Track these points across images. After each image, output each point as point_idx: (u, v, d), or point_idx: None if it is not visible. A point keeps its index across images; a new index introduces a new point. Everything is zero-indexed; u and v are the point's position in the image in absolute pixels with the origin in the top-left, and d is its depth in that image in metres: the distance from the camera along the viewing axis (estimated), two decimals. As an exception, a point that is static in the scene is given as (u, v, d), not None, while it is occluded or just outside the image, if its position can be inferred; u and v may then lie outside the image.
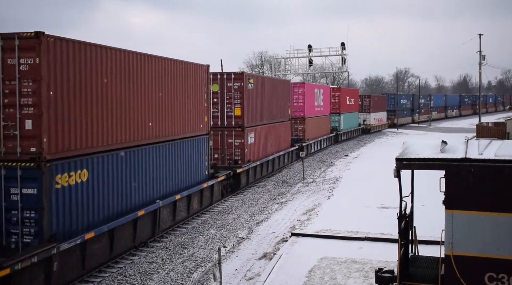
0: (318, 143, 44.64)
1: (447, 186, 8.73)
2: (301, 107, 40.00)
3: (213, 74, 25.22)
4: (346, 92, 56.03)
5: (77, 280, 13.30)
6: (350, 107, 56.85)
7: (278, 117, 32.68)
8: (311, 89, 42.83)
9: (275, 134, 31.89)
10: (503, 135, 39.21)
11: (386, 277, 9.78)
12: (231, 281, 13.59)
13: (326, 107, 47.95)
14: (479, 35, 62.50)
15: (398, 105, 75.73)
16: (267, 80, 32.46)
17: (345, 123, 54.23)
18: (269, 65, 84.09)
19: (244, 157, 26.30)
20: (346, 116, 54.21)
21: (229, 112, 26.23)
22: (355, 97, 59.56)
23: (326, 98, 47.41)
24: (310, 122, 41.29)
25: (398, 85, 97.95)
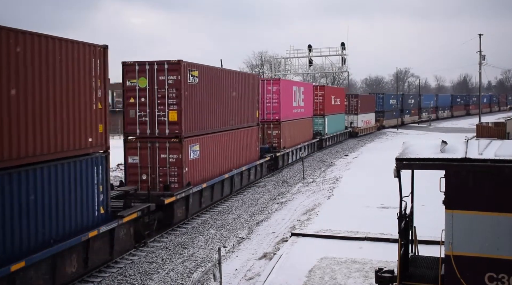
0: (298, 151, 37.56)
1: (447, 186, 8.73)
2: (276, 109, 33.02)
3: (140, 63, 19.05)
4: (331, 91, 50.47)
5: (77, 280, 13.31)
6: (336, 108, 51.31)
7: (241, 122, 25.81)
8: (288, 86, 36.08)
9: (235, 144, 25.02)
10: (503, 135, 39.22)
11: (386, 277, 9.78)
12: (231, 281, 13.59)
13: (308, 108, 41.54)
14: (479, 35, 62.52)
15: (386, 105, 71.74)
16: (222, 73, 23.70)
17: (330, 127, 48.55)
18: (269, 65, 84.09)
19: (182, 179, 19.03)
20: (331, 118, 48.64)
21: (162, 117, 19.06)
22: (341, 96, 54.01)
23: (307, 98, 41.19)
24: (287, 127, 34.59)
25: (398, 85, 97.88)
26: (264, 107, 32.12)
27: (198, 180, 20.41)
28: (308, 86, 43.35)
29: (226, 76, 23.98)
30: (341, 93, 55.18)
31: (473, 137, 40.05)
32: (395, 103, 76.13)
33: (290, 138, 35.37)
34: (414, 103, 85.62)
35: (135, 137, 19.25)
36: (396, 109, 76.74)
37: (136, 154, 19.24)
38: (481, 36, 62.48)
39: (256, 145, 28.63)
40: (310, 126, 42.91)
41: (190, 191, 19.25)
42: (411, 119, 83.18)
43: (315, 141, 43.76)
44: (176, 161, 19.05)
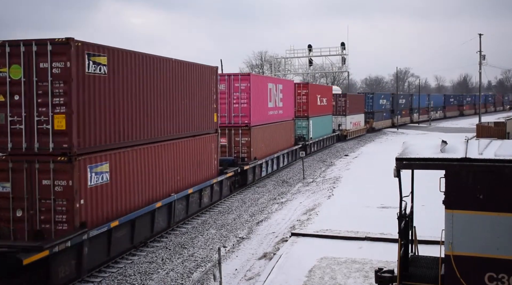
0: (275, 161, 31.90)
1: (447, 186, 8.72)
2: (245, 110, 26.97)
3: (11, 44, 12.55)
4: (316, 89, 44.47)
5: (76, 280, 13.30)
6: (323, 109, 45.74)
7: (187, 129, 19.30)
8: (262, 83, 29.77)
9: (176, 159, 18.39)
10: (503, 135, 39.17)
11: (386, 277, 9.77)
12: (231, 281, 13.58)
13: (288, 110, 35.56)
14: (479, 35, 62.52)
15: (376, 106, 66.67)
16: (154, 62, 16.66)
17: (316, 130, 42.87)
18: (269, 65, 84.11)
19: (73, 218, 12.42)
20: (316, 120, 43.00)
21: (44, 125, 12.50)
22: (328, 96, 48.33)
23: (287, 97, 35.20)
24: (259, 132, 28.53)
25: (398, 85, 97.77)
26: (230, 108, 26.88)
27: (104, 216, 13.86)
28: (288, 84, 37.12)
29: (161, 66, 17.03)
30: (328, 92, 49.61)
31: (473, 137, 40.01)
32: (385, 103, 71.34)
33: (264, 146, 29.30)
34: (405, 104, 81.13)
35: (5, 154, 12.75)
36: (386, 110, 72.26)
37: (7, 179, 12.66)
38: (481, 36, 62.51)
39: (213, 158, 21.96)
40: (291, 130, 36.67)
41: (82, 237, 12.65)
42: (402, 120, 78.20)
43: (297, 148, 37.42)
44: (64, 190, 12.50)
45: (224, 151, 26.28)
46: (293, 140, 37.19)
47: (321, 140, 44.94)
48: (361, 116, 61.56)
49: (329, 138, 48.82)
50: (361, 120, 61.50)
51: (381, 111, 69.60)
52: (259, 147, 28.51)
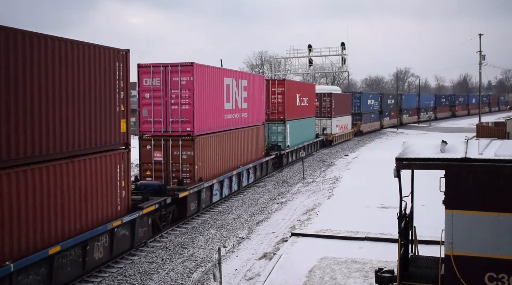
0: (235, 180, 24.94)
1: (447, 186, 8.73)
2: (187, 114, 20.17)
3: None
4: (295, 87, 37.40)
5: (76, 280, 13.30)
6: (304, 111, 39.02)
7: (62, 146, 12.47)
8: (213, 77, 22.32)
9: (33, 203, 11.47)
10: (503, 135, 39.19)
11: (386, 277, 9.78)
12: (231, 281, 13.58)
13: (257, 112, 28.53)
14: (479, 35, 62.52)
15: (364, 106, 60.96)
16: None
17: (295, 136, 36.04)
18: (269, 65, 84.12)
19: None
20: (296, 124, 36.35)
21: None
22: (310, 95, 41.47)
23: (255, 97, 28.21)
24: (209, 144, 21.75)
25: (398, 85, 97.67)
26: (167, 111, 20.18)
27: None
28: (257, 80, 29.39)
29: None
30: (310, 90, 42.19)
31: (473, 137, 40.02)
32: (373, 104, 65.40)
33: (216, 161, 22.54)
34: (394, 104, 74.93)
35: None
36: (374, 111, 66.21)
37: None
38: (481, 36, 62.49)
39: (117, 187, 14.89)
40: (261, 138, 29.43)
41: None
42: (390, 122, 72.37)
43: (269, 160, 30.74)
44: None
45: (159, 170, 20.07)
46: (263, 150, 30.02)
47: (301, 147, 37.41)
48: (348, 118, 55.71)
49: (312, 145, 42.36)
50: (348, 122, 55.61)
51: (369, 112, 63.80)
52: (209, 164, 21.58)
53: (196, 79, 20.14)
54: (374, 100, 66.05)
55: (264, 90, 30.59)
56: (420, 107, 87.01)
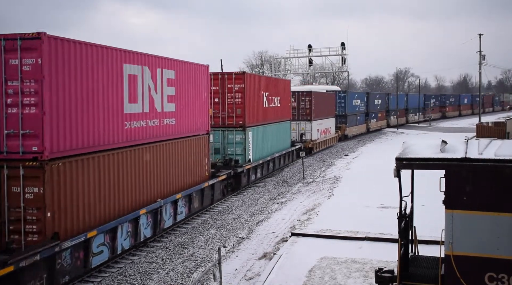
0: (144, 226, 16.13)
1: (447, 186, 8.73)
2: (32, 121, 11.66)
3: None
4: (260, 83, 29.19)
5: (76, 280, 13.30)
6: (274, 113, 31.31)
7: None
8: (99, 62, 13.87)
9: None
10: (503, 135, 39.20)
11: (386, 277, 9.78)
12: (231, 281, 13.59)
13: (192, 117, 20.17)
14: (479, 35, 62.53)
15: (349, 107, 54.67)
16: None
17: (260, 147, 28.26)
18: (269, 65, 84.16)
19: None
20: (262, 131, 28.69)
21: None
22: (283, 94, 33.73)
23: (189, 95, 19.85)
24: (79, 173, 12.95)
25: (398, 85, 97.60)
26: (1, 116, 11.95)
27: None
28: (193, 70, 20.33)
29: None
30: (283, 88, 34.33)
31: (473, 137, 40.03)
32: (359, 104, 59.21)
33: (100, 200, 13.98)
34: (381, 105, 68.75)
35: None
36: (361, 112, 60.01)
37: None
38: (481, 36, 62.50)
39: None
40: (201, 153, 20.95)
41: None
42: (377, 125, 66.86)
43: (217, 182, 22.42)
44: None
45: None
46: (206, 170, 21.44)
47: (270, 160, 30.27)
48: (331, 121, 48.48)
49: (286, 156, 34.50)
50: (331, 125, 48.37)
51: (355, 113, 57.56)
52: (81, 207, 13.07)
53: (49, 62, 11.87)
54: (360, 100, 59.85)
55: (208, 85, 21.65)
56: (409, 108, 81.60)
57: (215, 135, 25.51)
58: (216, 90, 26.07)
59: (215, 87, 25.87)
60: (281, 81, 37.27)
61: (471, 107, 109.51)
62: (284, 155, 34.17)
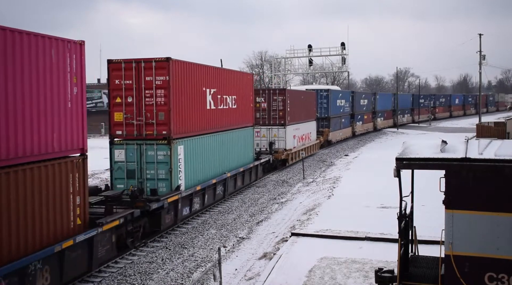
0: None
1: (447, 186, 8.73)
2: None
3: None
4: (201, 76, 21.02)
5: (76, 280, 13.30)
6: (225, 118, 23.69)
7: None
8: None
9: None
10: (503, 135, 39.21)
11: (386, 277, 9.78)
12: (231, 281, 13.58)
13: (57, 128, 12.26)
14: (479, 35, 62.50)
15: (333, 108, 48.14)
16: None
17: (199, 167, 20.67)
18: (269, 65, 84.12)
19: None
20: (201, 145, 20.98)
21: None
22: (242, 92, 26.23)
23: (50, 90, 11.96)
24: None
25: (398, 85, 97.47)
26: None
27: None
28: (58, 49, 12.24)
29: None
30: (244, 84, 26.69)
31: (473, 137, 40.03)
32: (344, 105, 52.72)
33: None
34: (368, 105, 62.45)
35: None
36: (345, 114, 53.58)
37: None
38: (481, 36, 62.47)
39: None
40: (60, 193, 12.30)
41: None
42: (363, 128, 60.83)
43: (100, 235, 13.80)
44: None
45: None
46: (72, 218, 12.76)
47: (218, 183, 22.47)
48: (311, 125, 41.50)
49: (246, 174, 26.69)
50: (311, 130, 41.36)
51: (339, 115, 50.86)
52: None
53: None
54: (345, 100, 53.12)
55: (82, 76, 13.40)
56: (397, 109, 75.39)
57: (128, 151, 18.19)
58: (129, 85, 18.17)
59: (128, 80, 18.18)
60: (237, 75, 26.56)
61: (463, 108, 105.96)
62: (243, 173, 26.04)
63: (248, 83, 27.83)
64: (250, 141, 27.88)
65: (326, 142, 46.80)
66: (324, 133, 46.06)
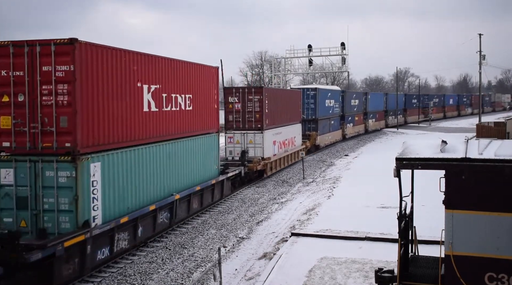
0: None
1: (447, 186, 8.72)
2: None
3: None
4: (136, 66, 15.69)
5: (76, 280, 13.30)
6: (174, 123, 18.48)
7: None
8: None
9: None
10: (503, 135, 39.21)
11: (386, 277, 9.77)
12: (231, 281, 13.58)
13: None
14: (479, 35, 62.49)
15: (321, 109, 43.70)
16: None
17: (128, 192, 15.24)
18: (269, 65, 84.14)
19: None
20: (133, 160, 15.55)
21: None
22: (202, 90, 20.91)
23: None
24: None
25: (398, 85, 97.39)
26: None
27: None
28: None
29: None
30: (204, 79, 21.26)
31: (473, 137, 40.02)
32: (333, 106, 48.16)
33: None
34: (359, 106, 58.44)
35: None
36: (335, 116, 49.04)
37: None
38: (481, 36, 62.46)
39: None
40: None
41: None
42: (354, 131, 56.71)
43: None
44: None
45: None
46: None
47: (161, 209, 17.32)
48: (295, 128, 36.83)
49: (206, 193, 21.46)
50: (295, 134, 36.73)
51: (328, 117, 46.48)
52: None
53: None
54: (334, 100, 48.46)
55: None
56: (388, 110, 71.34)
57: (18, 171, 13.21)
58: (20, 78, 13.22)
59: (18, 71, 13.21)
60: (194, 68, 20.23)
61: (457, 108, 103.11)
62: (201, 193, 20.78)
63: (210, 78, 21.93)
64: (213, 151, 22.26)
65: (314, 146, 42.06)
66: (311, 137, 41.71)
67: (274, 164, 31.17)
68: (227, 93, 29.14)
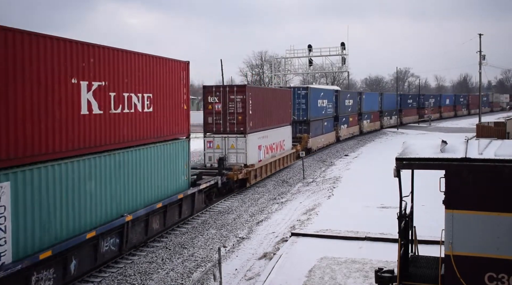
0: None
1: (447, 186, 8.73)
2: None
3: None
4: (60, 54, 12.08)
5: (76, 280, 13.30)
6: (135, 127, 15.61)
7: None
8: None
9: None
10: (503, 135, 39.23)
11: (386, 277, 9.78)
12: (231, 281, 13.58)
13: None
14: (479, 35, 62.50)
15: (313, 110, 41.02)
16: None
17: (49, 220, 11.70)
18: (269, 65, 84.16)
19: None
20: (53, 178, 11.86)
21: None
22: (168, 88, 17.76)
23: None
24: None
25: (398, 85, 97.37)
26: None
27: None
28: None
29: None
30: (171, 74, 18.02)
31: (473, 137, 40.02)
32: (326, 106, 45.36)
33: None
34: (353, 106, 55.75)
35: None
36: (328, 117, 46.27)
37: None
38: (481, 36, 62.47)
39: None
40: None
41: None
42: (348, 132, 54.21)
43: None
44: None
45: None
46: None
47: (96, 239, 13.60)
48: (285, 131, 33.90)
49: (170, 210, 18.07)
50: (285, 137, 33.84)
51: (321, 118, 43.67)
52: None
53: None
54: (327, 100, 45.69)
55: None
56: (383, 110, 68.76)
57: None
58: None
59: None
60: (156, 61, 17.13)
61: (454, 109, 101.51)
62: (164, 210, 17.64)
63: (178, 75, 18.71)
64: (182, 159, 18.97)
65: (305, 150, 37.39)
66: (303, 140, 38.28)
67: (259, 171, 27.83)
68: (207, 92, 26.47)
